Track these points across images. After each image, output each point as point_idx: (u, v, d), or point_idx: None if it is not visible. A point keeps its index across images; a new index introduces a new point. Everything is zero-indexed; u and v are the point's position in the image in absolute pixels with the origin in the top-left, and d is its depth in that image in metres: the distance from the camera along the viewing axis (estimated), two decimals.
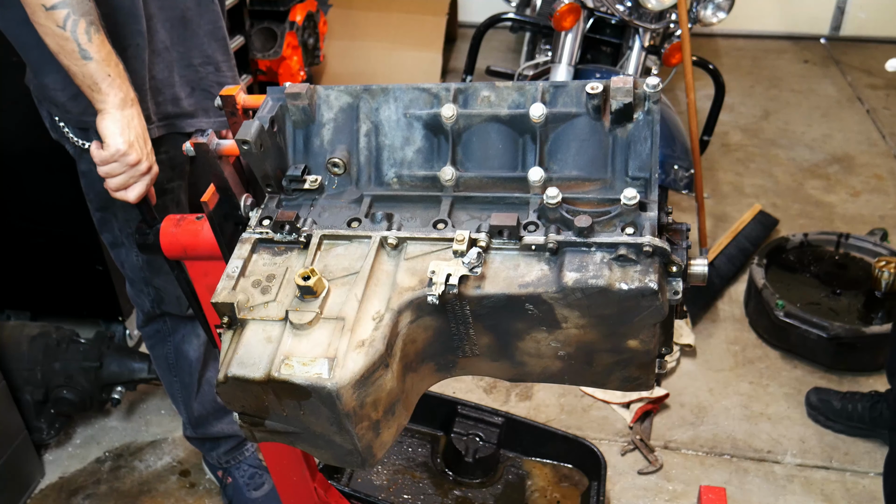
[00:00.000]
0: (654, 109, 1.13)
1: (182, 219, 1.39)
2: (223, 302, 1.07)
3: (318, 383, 1.00)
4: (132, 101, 1.55)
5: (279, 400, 1.04)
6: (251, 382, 1.03)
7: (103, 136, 1.53)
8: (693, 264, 1.12)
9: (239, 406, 1.08)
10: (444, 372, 1.20)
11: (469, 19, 5.34)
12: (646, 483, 2.44)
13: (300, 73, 3.84)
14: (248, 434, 1.14)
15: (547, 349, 1.14)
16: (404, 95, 1.21)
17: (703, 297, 3.11)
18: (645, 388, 1.20)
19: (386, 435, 1.10)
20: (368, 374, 1.02)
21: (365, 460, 1.10)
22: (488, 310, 1.09)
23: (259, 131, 1.15)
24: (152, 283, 1.96)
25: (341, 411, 1.02)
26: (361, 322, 1.04)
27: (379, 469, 2.32)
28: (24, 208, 2.60)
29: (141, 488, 2.42)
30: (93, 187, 1.83)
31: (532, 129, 1.17)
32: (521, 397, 2.73)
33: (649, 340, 1.10)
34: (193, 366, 2.12)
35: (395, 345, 1.07)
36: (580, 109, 1.16)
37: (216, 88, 1.81)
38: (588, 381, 1.20)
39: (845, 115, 4.61)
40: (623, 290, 1.03)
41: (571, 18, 3.00)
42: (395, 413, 1.10)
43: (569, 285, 1.04)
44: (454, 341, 1.14)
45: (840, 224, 3.61)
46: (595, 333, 1.10)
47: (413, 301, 1.07)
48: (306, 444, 1.13)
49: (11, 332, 2.43)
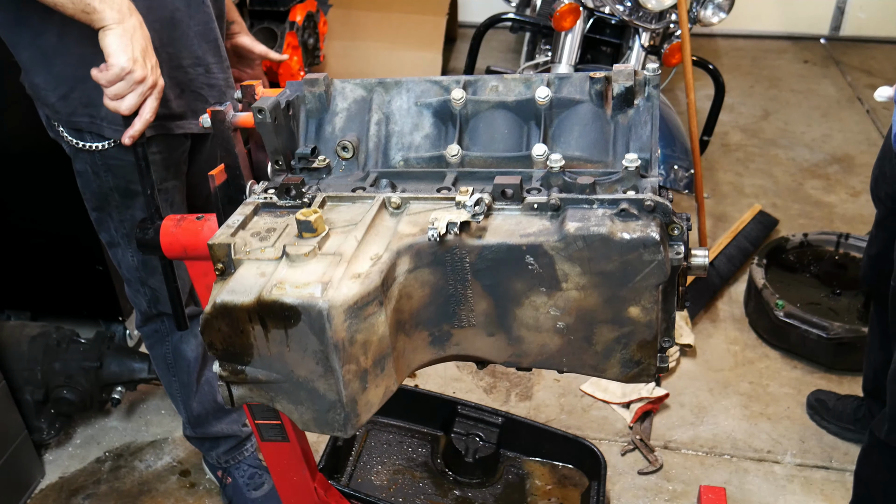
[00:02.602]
0: (653, 94, 1.18)
1: (182, 219, 1.39)
2: (220, 244, 1.07)
3: (309, 302, 0.98)
4: (130, 10, 1.48)
5: (266, 331, 1.03)
6: (240, 309, 1.01)
7: (106, 55, 1.46)
8: (694, 254, 1.14)
9: (221, 345, 1.06)
10: (438, 347, 1.17)
11: (469, 19, 5.34)
12: (646, 483, 2.44)
13: (300, 73, 3.83)
14: (227, 396, 1.11)
15: (546, 320, 1.12)
16: (416, 87, 1.27)
17: (703, 297, 3.12)
18: (646, 377, 1.16)
19: (372, 393, 1.07)
20: (362, 305, 1.01)
21: (347, 418, 1.06)
22: (488, 263, 1.08)
23: (275, 104, 1.20)
24: (148, 283, 1.96)
25: (330, 340, 1.00)
26: (359, 258, 1.04)
27: (379, 469, 2.32)
28: (24, 208, 2.60)
29: (141, 488, 2.43)
30: (88, 187, 1.83)
31: (537, 112, 1.22)
32: (521, 397, 2.73)
33: (651, 308, 1.08)
34: (192, 365, 2.13)
35: (391, 289, 1.06)
36: (583, 97, 1.21)
37: (206, 90, 1.80)
38: (587, 366, 1.16)
39: (845, 115, 4.61)
40: (625, 239, 1.04)
41: (571, 18, 3.00)
42: (384, 370, 1.07)
43: (570, 233, 1.04)
44: (450, 305, 1.12)
45: (840, 224, 3.61)
46: (595, 298, 1.09)
47: (413, 246, 1.07)
48: (287, 399, 1.09)
49: (11, 332, 2.43)
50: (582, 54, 3.10)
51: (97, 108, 1.68)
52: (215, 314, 1.04)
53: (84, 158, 1.77)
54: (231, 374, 1.09)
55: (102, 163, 1.76)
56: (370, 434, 2.42)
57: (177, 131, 1.79)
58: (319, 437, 2.53)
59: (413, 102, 1.27)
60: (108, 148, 1.73)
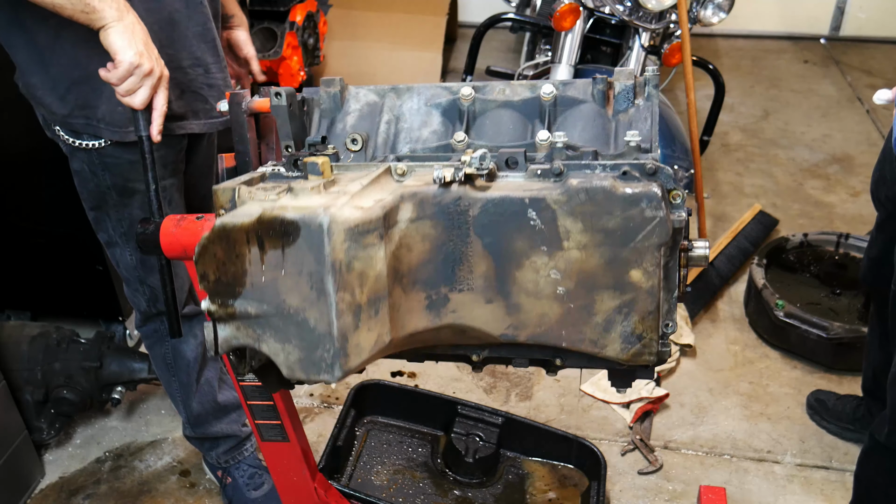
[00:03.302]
0: (653, 93, 1.22)
1: (182, 219, 1.39)
2: (225, 188, 1.11)
3: (310, 216, 0.99)
4: (126, 7, 1.52)
5: (262, 253, 1.03)
6: (239, 229, 1.03)
7: (113, 52, 1.49)
8: (695, 246, 1.15)
9: (213, 275, 1.06)
10: (434, 314, 1.14)
11: (469, 19, 5.34)
12: (646, 483, 2.44)
13: (300, 73, 3.83)
14: (211, 340, 1.10)
15: (546, 284, 1.11)
16: (427, 91, 1.33)
17: (703, 297, 3.12)
18: (648, 356, 1.13)
19: (364, 335, 1.05)
20: (362, 231, 1.01)
21: (336, 357, 1.03)
22: (491, 217, 1.09)
23: (292, 92, 1.27)
24: (146, 282, 1.96)
25: (328, 258, 1.00)
26: (363, 196, 1.06)
27: (379, 469, 2.32)
28: (24, 208, 2.60)
29: (141, 488, 2.43)
30: (86, 186, 1.83)
31: (542, 109, 1.27)
32: (521, 397, 2.73)
33: (653, 272, 1.08)
34: (191, 365, 2.12)
35: (392, 232, 1.07)
36: (586, 97, 1.27)
37: (206, 90, 1.80)
38: (587, 341, 1.13)
39: (845, 115, 4.61)
40: (627, 192, 1.06)
41: (571, 18, 3.00)
42: (378, 314, 1.06)
43: (574, 185, 1.07)
44: (450, 265, 1.12)
45: (840, 224, 3.62)
46: (597, 259, 1.09)
47: (417, 194, 1.09)
48: (274, 337, 1.07)
49: (11, 332, 2.43)
50: (582, 54, 3.10)
51: (93, 109, 1.68)
52: (213, 238, 1.04)
53: (81, 157, 1.77)
54: (220, 309, 1.08)
55: (99, 161, 1.76)
56: (370, 434, 2.42)
57: (178, 132, 1.79)
58: (319, 437, 2.53)
59: (423, 103, 1.31)
60: (104, 146, 1.73)
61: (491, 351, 1.21)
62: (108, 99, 1.67)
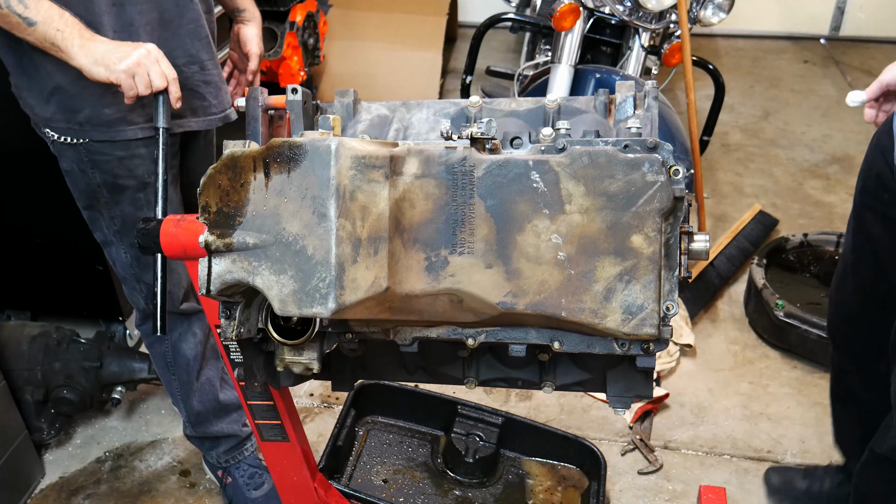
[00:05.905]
0: (652, 105, 1.26)
1: (182, 219, 1.39)
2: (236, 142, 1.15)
3: (319, 140, 1.06)
4: (90, 36, 1.56)
5: (267, 179, 1.07)
6: (246, 156, 1.09)
7: (105, 80, 1.56)
8: (695, 239, 1.16)
9: (215, 205, 1.11)
10: (433, 276, 1.12)
11: (469, 19, 5.34)
12: (646, 483, 2.44)
13: (300, 74, 3.83)
14: (205, 278, 1.11)
15: (547, 249, 1.11)
16: (436, 105, 1.38)
17: (703, 297, 3.12)
18: (648, 328, 1.10)
19: (362, 272, 1.05)
20: (368, 164, 1.06)
21: (331, 287, 1.03)
22: (494, 178, 1.11)
23: (309, 92, 1.33)
24: (143, 279, 1.96)
25: (332, 180, 1.04)
26: (370, 145, 1.10)
27: (379, 469, 2.32)
28: (24, 208, 2.60)
29: (141, 488, 2.43)
30: (77, 185, 1.84)
31: (546, 116, 1.32)
32: (521, 397, 2.73)
33: (654, 237, 1.09)
34: (191, 364, 2.12)
35: (397, 181, 1.10)
36: (588, 109, 1.34)
37: (203, 87, 1.81)
38: (587, 311, 1.11)
39: (845, 115, 4.61)
40: (629, 157, 1.09)
41: (571, 19, 3.00)
42: (377, 254, 1.07)
43: (577, 149, 1.11)
44: (451, 227, 1.12)
45: (840, 224, 3.61)
46: (598, 223, 1.10)
47: (424, 151, 1.12)
48: (269, 269, 1.07)
49: (11, 332, 2.43)
50: (582, 54, 3.10)
51: (75, 113, 1.70)
52: (220, 167, 1.09)
53: (69, 156, 1.78)
54: (218, 239, 1.10)
55: (88, 159, 1.77)
56: (370, 434, 2.42)
57: (177, 130, 1.79)
58: (319, 437, 2.53)
59: (432, 114, 1.37)
60: (91, 141, 1.74)
61: (488, 335, 1.19)
62: (91, 102, 1.68)
